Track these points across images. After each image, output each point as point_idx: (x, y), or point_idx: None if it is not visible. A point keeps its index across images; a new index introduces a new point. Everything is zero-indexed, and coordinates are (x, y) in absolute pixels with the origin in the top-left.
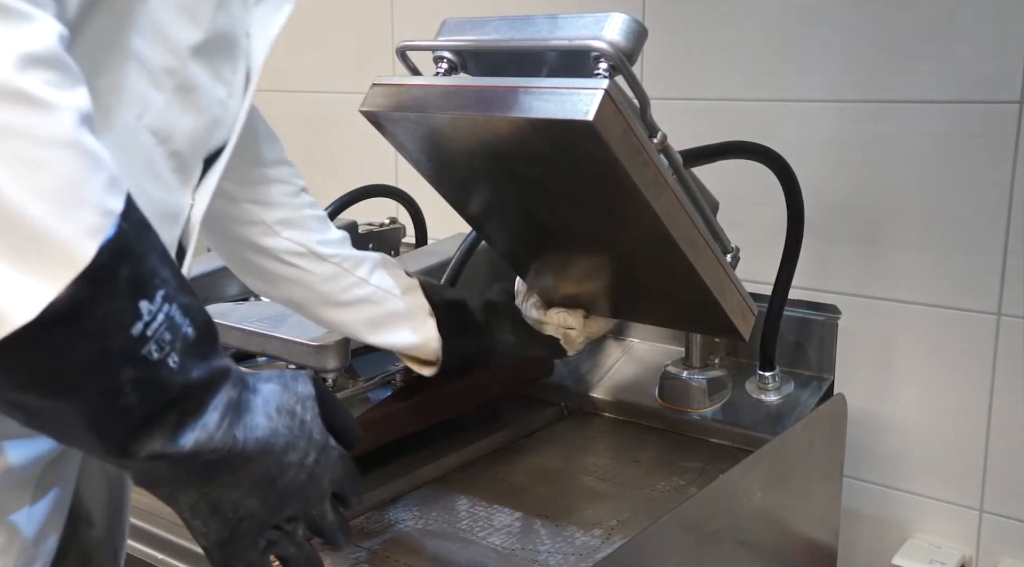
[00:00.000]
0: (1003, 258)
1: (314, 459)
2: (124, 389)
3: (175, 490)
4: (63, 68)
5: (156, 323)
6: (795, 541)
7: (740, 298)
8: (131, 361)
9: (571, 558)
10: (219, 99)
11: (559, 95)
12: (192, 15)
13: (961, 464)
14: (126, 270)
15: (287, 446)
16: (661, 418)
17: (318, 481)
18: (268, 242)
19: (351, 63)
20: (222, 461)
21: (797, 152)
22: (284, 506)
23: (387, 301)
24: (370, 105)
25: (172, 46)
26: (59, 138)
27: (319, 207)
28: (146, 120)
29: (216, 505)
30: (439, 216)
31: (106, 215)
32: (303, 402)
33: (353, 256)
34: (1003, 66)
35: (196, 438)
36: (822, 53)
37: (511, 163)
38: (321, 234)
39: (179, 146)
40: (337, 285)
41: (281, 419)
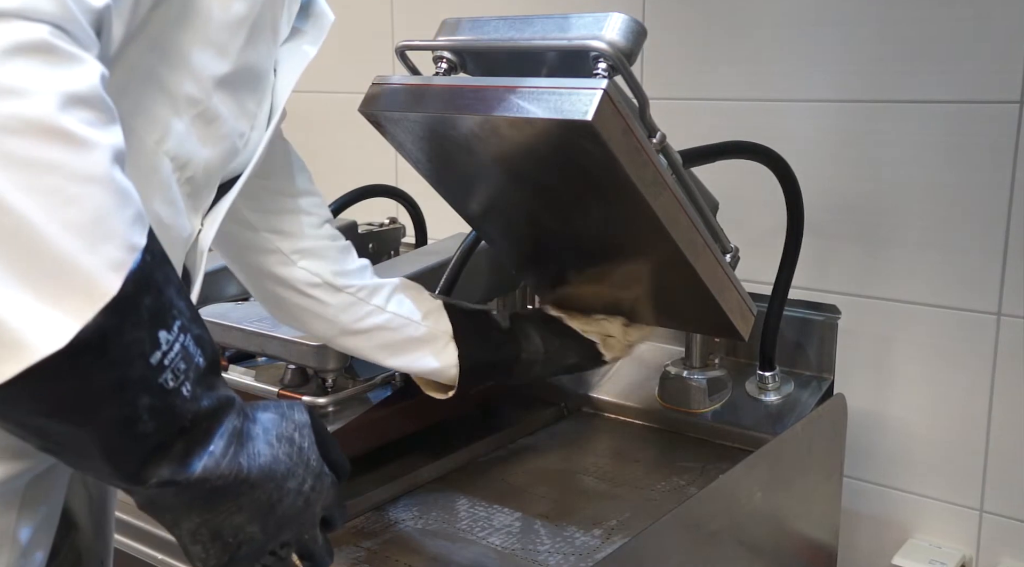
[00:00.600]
0: (1003, 258)
1: (310, 485)
2: (141, 416)
3: (178, 516)
4: (102, 108)
5: (173, 353)
6: (795, 541)
7: (740, 298)
8: (149, 389)
9: (571, 558)
10: (240, 132)
11: (558, 95)
12: (221, 48)
13: (961, 464)
14: (148, 301)
15: (287, 473)
16: (661, 418)
17: (312, 507)
18: (284, 271)
19: (351, 63)
20: (227, 487)
21: (797, 152)
22: (281, 532)
23: (405, 327)
24: (370, 105)
25: (198, 77)
26: (93, 175)
27: (342, 238)
28: (165, 146)
29: (217, 531)
30: (439, 216)
31: (131, 249)
32: (300, 430)
33: (368, 285)
34: (1003, 66)
35: (204, 465)
36: (822, 53)
37: (511, 163)
38: (339, 264)
39: (194, 173)
40: (353, 314)
41: (281, 447)
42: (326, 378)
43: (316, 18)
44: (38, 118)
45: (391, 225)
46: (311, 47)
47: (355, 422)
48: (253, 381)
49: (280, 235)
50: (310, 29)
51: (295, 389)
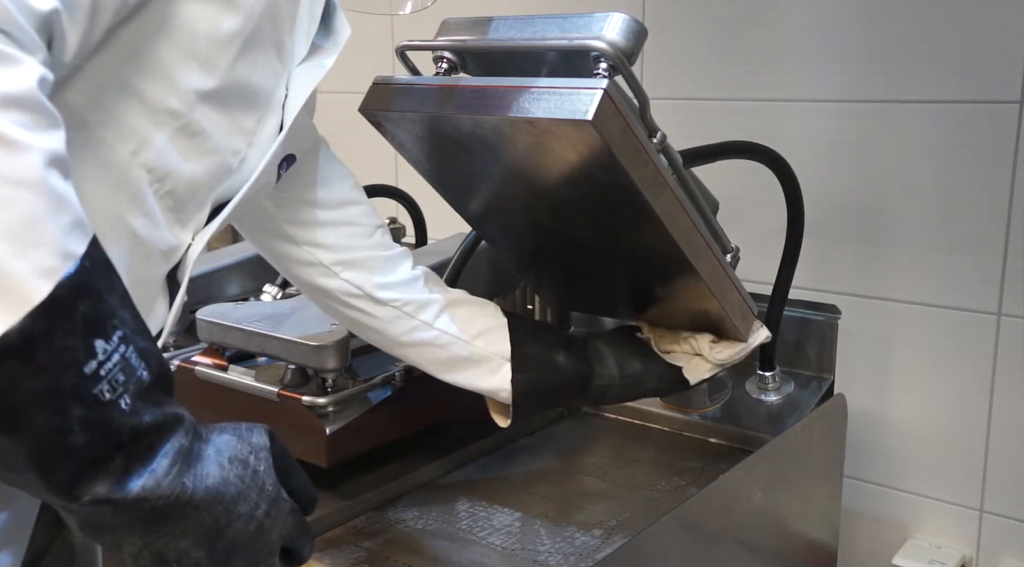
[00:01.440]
0: (1003, 258)
1: (264, 511)
2: (72, 428)
3: (119, 538)
4: (38, 110)
5: (110, 363)
6: (795, 541)
7: (740, 298)
8: (82, 399)
9: (571, 558)
10: (233, 149)
11: (558, 95)
12: (204, 63)
13: (961, 464)
14: (84, 307)
15: (237, 496)
16: (661, 418)
17: (267, 534)
18: (326, 283)
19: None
20: (168, 508)
21: (797, 152)
22: (231, 559)
23: (453, 346)
24: (370, 105)
25: (180, 90)
26: (24, 178)
27: (395, 247)
28: (141, 157)
29: (160, 555)
30: (439, 216)
31: (64, 257)
32: (256, 453)
33: (416, 299)
34: (1003, 66)
35: (143, 484)
36: (822, 53)
37: (511, 163)
38: (384, 275)
39: (175, 187)
40: (399, 327)
41: (233, 469)
42: (326, 378)
43: (336, 34)
44: None
45: (391, 225)
46: (328, 59)
47: (355, 422)
48: (253, 381)
49: (320, 247)
50: (330, 45)
51: (295, 389)
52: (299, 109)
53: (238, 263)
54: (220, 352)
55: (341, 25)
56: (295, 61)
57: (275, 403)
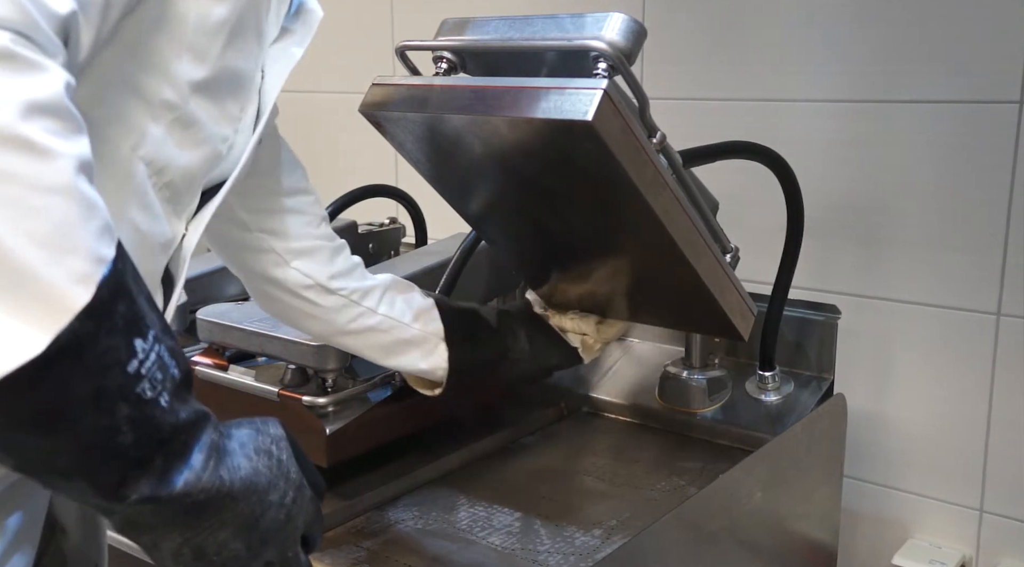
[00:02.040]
0: (1003, 258)
1: (292, 498)
2: (120, 427)
3: (158, 536)
4: (66, 117)
5: (149, 362)
6: (795, 541)
7: (740, 298)
8: (127, 398)
9: (571, 558)
10: (222, 136)
11: (558, 95)
12: (198, 53)
13: (961, 464)
14: (122, 308)
15: (268, 486)
16: (661, 418)
17: (294, 521)
18: (278, 273)
19: (351, 63)
20: (209, 502)
21: (797, 152)
22: (264, 548)
23: (395, 329)
24: (370, 105)
25: (174, 82)
26: (56, 185)
27: (335, 237)
28: (141, 151)
29: (200, 549)
30: (439, 216)
31: (98, 261)
32: (277, 443)
33: (361, 287)
34: (1003, 66)
35: (186, 479)
36: (822, 53)
37: (510, 163)
38: (332, 265)
39: (173, 178)
40: (345, 315)
41: (260, 460)
42: (326, 378)
43: (305, 16)
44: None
45: (391, 225)
46: (298, 48)
47: (355, 422)
48: (253, 381)
49: (273, 235)
50: (299, 28)
51: (295, 389)
52: (278, 90)
53: None
54: (220, 352)
55: (311, 8)
56: (268, 42)
57: (275, 403)
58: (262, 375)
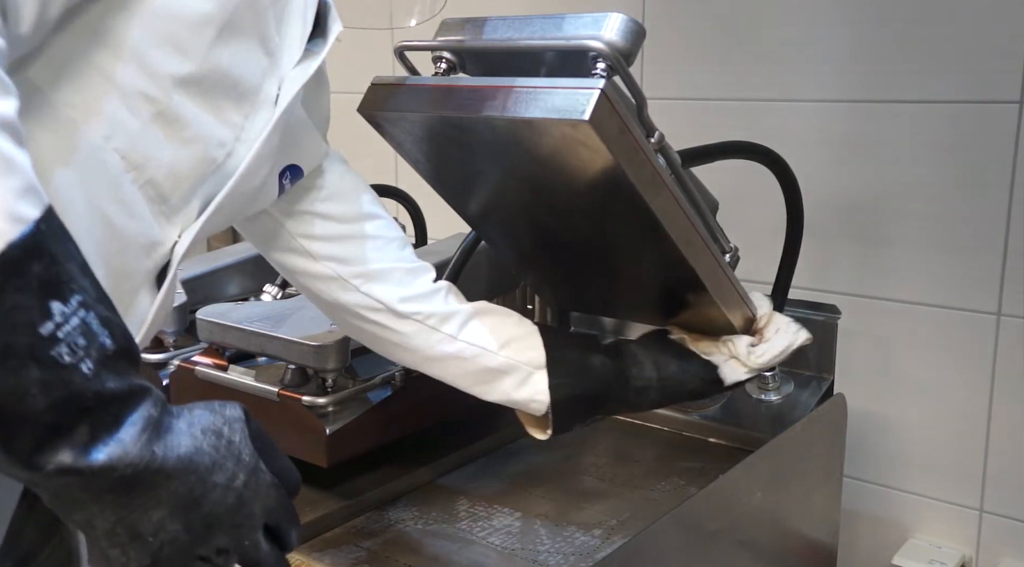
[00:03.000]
0: (1003, 258)
1: (243, 481)
2: (30, 389)
3: (91, 514)
4: None
5: (69, 326)
6: (795, 541)
7: (739, 298)
8: (38, 360)
9: (571, 558)
10: (218, 140)
11: (556, 95)
12: (179, 46)
13: (961, 464)
14: (38, 268)
15: (212, 465)
16: (661, 418)
17: (248, 506)
18: (345, 297)
19: (350, 63)
20: (138, 477)
21: (797, 152)
22: (211, 533)
23: (480, 357)
24: (369, 105)
25: (152, 73)
26: None
27: (416, 259)
28: (115, 142)
29: (134, 529)
30: (439, 216)
31: (15, 220)
32: (231, 424)
33: (439, 312)
34: (1003, 66)
35: (110, 452)
36: (822, 53)
37: (509, 163)
38: (406, 288)
39: (155, 175)
40: (424, 341)
41: (206, 439)
42: (326, 378)
43: (330, 33)
44: None
45: None
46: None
47: (355, 422)
48: (253, 381)
49: (339, 261)
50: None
51: (295, 389)
52: (288, 104)
53: (238, 263)
54: (220, 352)
55: (334, 23)
56: (288, 62)
57: (275, 403)
58: (262, 375)
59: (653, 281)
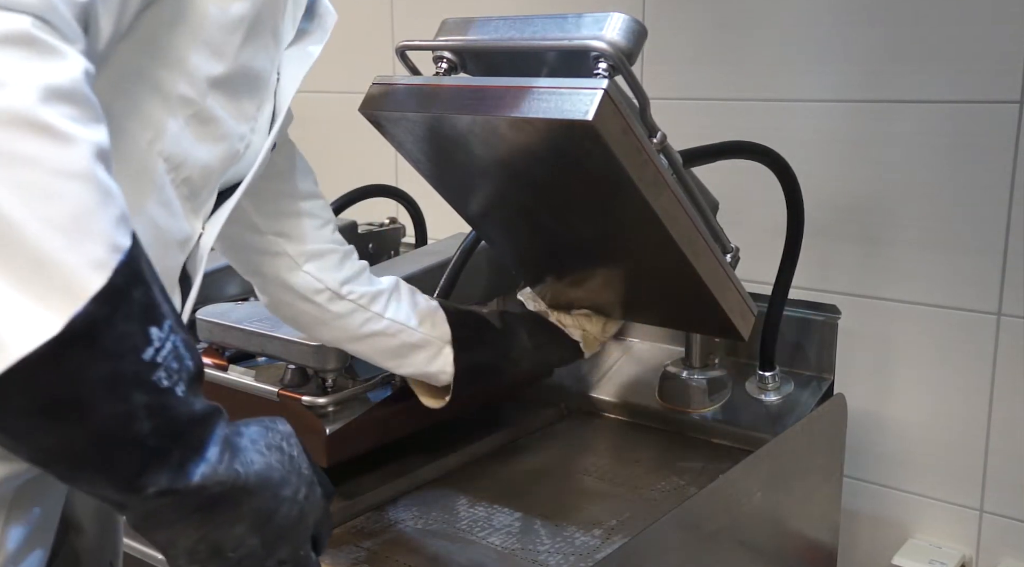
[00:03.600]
0: (1003, 258)
1: (304, 495)
2: (137, 415)
3: (175, 533)
4: (85, 104)
5: (165, 351)
6: (795, 541)
7: (740, 298)
8: (143, 386)
9: (571, 558)
10: (240, 134)
11: (558, 95)
12: (216, 49)
13: (961, 464)
14: (138, 295)
15: (281, 481)
16: (661, 418)
17: (307, 518)
18: (290, 277)
19: (351, 63)
20: (226, 495)
21: (797, 152)
22: (278, 545)
23: (402, 333)
24: (370, 105)
25: (192, 77)
26: (74, 171)
27: (344, 242)
28: (159, 146)
29: (217, 546)
30: (439, 216)
31: (114, 249)
32: (287, 440)
33: (369, 291)
34: (1003, 66)
35: (203, 472)
36: (823, 53)
37: (510, 163)
38: (342, 271)
39: (191, 174)
40: (354, 321)
41: (272, 455)
42: (326, 378)
43: (320, 18)
44: (17, 110)
45: (391, 225)
46: (315, 47)
47: (355, 422)
48: (253, 381)
49: (286, 238)
50: (315, 29)
51: (295, 389)
52: (293, 94)
53: None
54: (220, 352)
55: (325, 9)
56: (283, 44)
57: (275, 403)
58: (262, 375)
59: (654, 281)
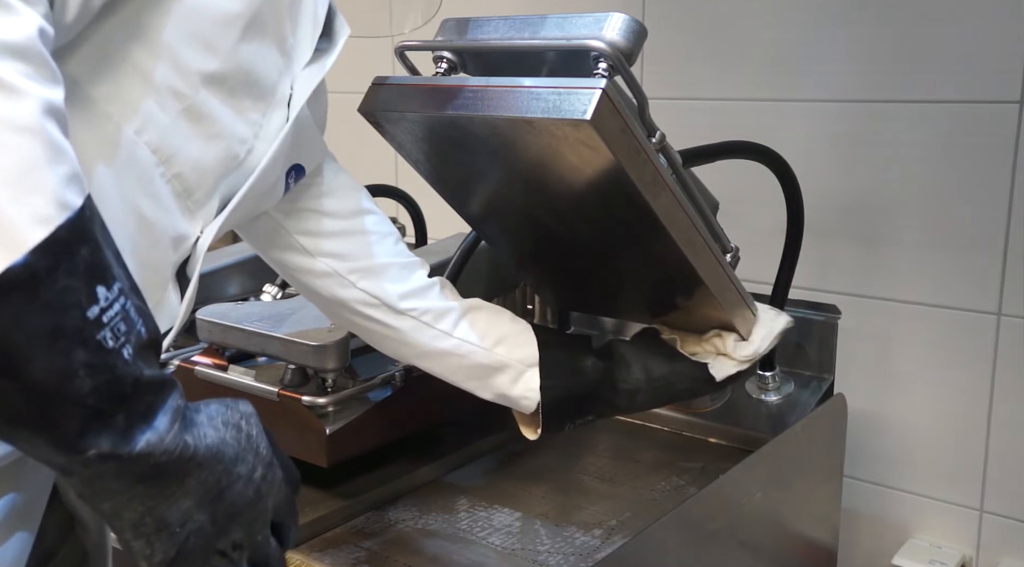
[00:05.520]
0: (1003, 258)
1: (261, 474)
2: (77, 372)
3: (119, 504)
4: (39, 61)
5: (112, 311)
6: (795, 541)
7: (740, 298)
8: (85, 344)
9: (571, 558)
10: (240, 137)
11: (557, 95)
12: (208, 44)
13: (961, 464)
14: (85, 252)
15: (235, 457)
16: (661, 418)
17: (264, 499)
18: (342, 293)
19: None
20: (172, 465)
21: (797, 152)
22: (231, 524)
23: (474, 354)
24: (370, 105)
25: (182, 70)
26: (22, 124)
27: (410, 255)
28: (146, 136)
29: (163, 519)
30: (439, 216)
31: (62, 207)
32: (247, 418)
33: (434, 308)
34: (1003, 66)
35: (148, 439)
36: (822, 53)
37: (510, 163)
38: (401, 284)
39: (183, 170)
40: (419, 337)
41: (228, 431)
42: (326, 378)
43: (336, 35)
44: None
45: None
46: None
47: (355, 422)
48: (253, 381)
49: (335, 257)
50: (331, 48)
51: (295, 389)
52: (303, 104)
53: (238, 263)
54: (220, 352)
55: (341, 27)
56: (300, 63)
57: (275, 403)
58: (262, 375)
59: (654, 281)
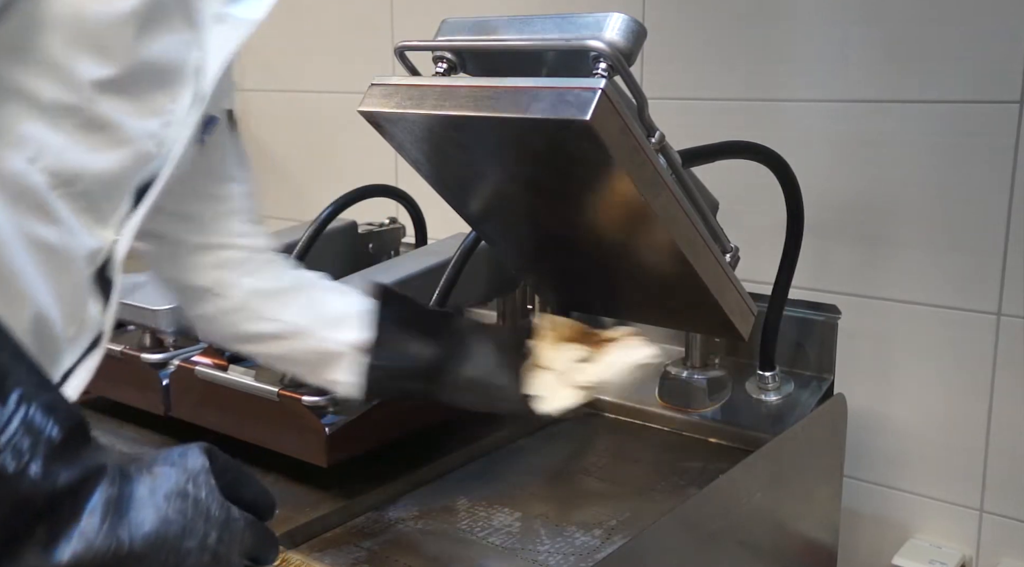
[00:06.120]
0: (1003, 258)
1: (216, 538)
2: None
3: None
4: None
5: (11, 429)
6: (795, 541)
7: (739, 298)
8: None
9: (571, 558)
10: (149, 133)
11: (556, 95)
12: (99, 50)
13: (961, 464)
14: None
15: (183, 532)
16: (661, 418)
17: (225, 559)
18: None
19: (351, 63)
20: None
21: (797, 152)
22: None
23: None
24: (369, 105)
25: (72, 83)
26: None
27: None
28: (41, 163)
29: None
30: (439, 216)
31: None
32: (194, 479)
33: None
34: (1003, 66)
35: (73, 549)
36: (823, 53)
37: (510, 163)
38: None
39: (88, 186)
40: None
41: (172, 505)
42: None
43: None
44: None
45: (391, 225)
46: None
47: (355, 422)
48: (253, 381)
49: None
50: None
51: (295, 389)
52: (218, 75)
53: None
54: (220, 352)
55: None
56: (206, 20)
57: (275, 403)
58: (262, 375)
59: (653, 281)
